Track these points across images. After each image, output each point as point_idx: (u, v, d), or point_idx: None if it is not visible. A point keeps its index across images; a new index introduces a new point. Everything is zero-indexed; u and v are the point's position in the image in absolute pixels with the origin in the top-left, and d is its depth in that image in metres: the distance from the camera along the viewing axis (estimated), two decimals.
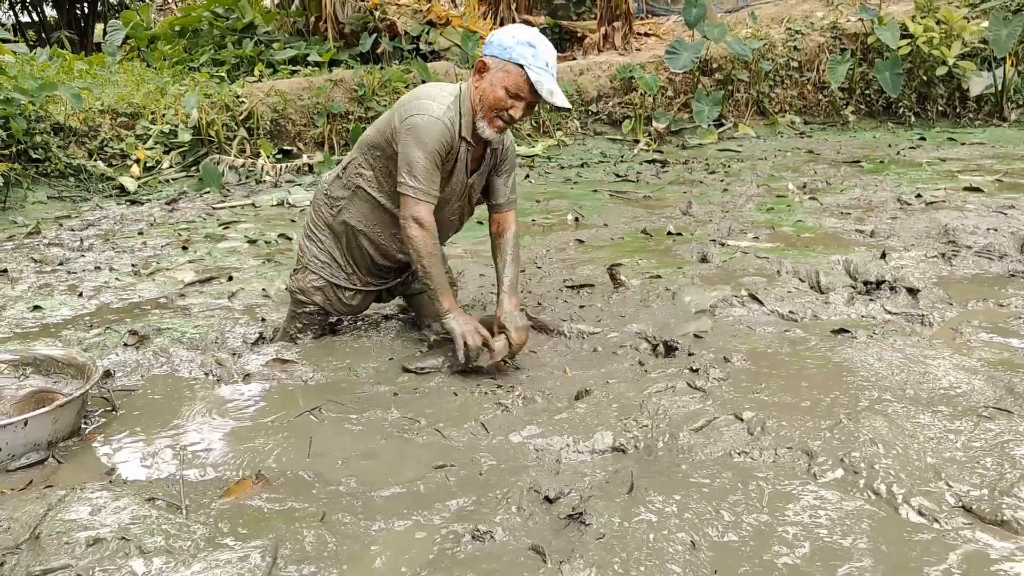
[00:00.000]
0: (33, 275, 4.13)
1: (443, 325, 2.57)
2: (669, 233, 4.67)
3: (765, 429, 2.03)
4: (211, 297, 3.66)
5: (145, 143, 7.27)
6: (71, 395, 2.20)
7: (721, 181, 6.54)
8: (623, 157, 8.16)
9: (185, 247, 4.77)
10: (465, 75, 8.53)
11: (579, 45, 11.06)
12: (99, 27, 15.02)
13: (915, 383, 2.31)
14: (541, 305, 3.33)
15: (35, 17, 15.28)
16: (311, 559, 1.61)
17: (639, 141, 8.75)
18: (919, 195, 5.32)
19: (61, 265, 4.35)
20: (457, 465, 2.00)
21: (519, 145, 8.29)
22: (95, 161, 6.86)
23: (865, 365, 2.43)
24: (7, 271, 4.20)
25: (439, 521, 1.75)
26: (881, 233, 4.35)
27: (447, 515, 1.77)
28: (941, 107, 9.48)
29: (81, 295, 3.72)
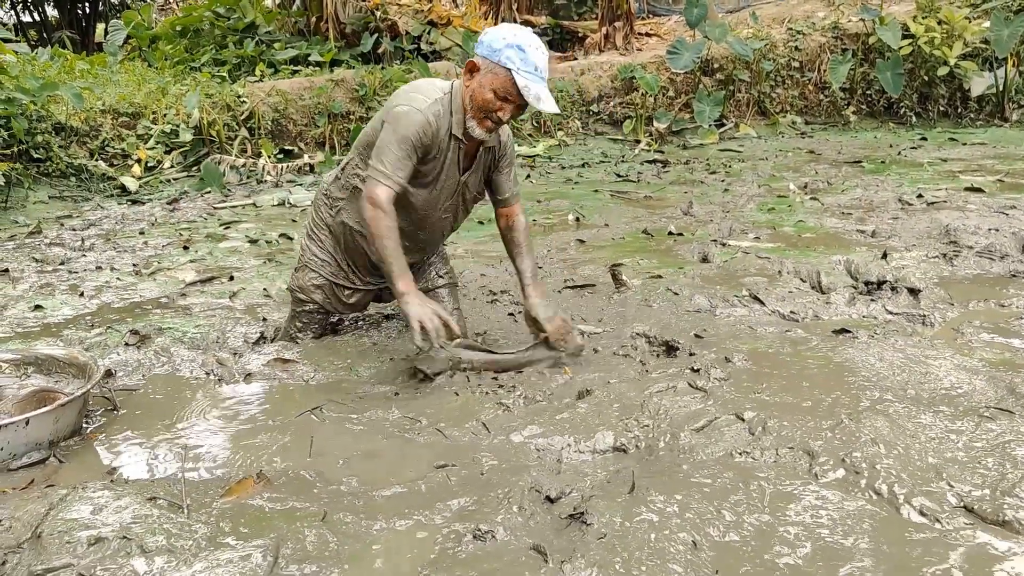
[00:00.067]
0: (34, 275, 4.14)
1: (398, 308, 2.50)
2: (670, 233, 4.67)
3: (766, 429, 2.03)
4: (212, 297, 3.66)
5: (146, 143, 7.27)
6: (72, 394, 2.20)
7: (722, 181, 6.54)
8: (624, 157, 8.16)
9: (186, 247, 4.77)
10: None
11: (580, 45, 11.06)
12: (100, 27, 15.02)
13: (916, 383, 2.31)
14: None
15: (36, 17, 15.29)
16: (312, 558, 1.61)
17: (640, 141, 8.75)
18: (920, 195, 5.32)
19: (62, 265, 4.35)
20: (458, 465, 2.00)
21: (520, 145, 8.29)
22: (96, 161, 6.87)
23: (866, 365, 2.43)
24: (8, 271, 4.21)
25: (440, 521, 1.75)
26: (882, 233, 4.35)
27: (448, 515, 1.77)
28: (942, 107, 9.49)
29: (82, 295, 3.73)
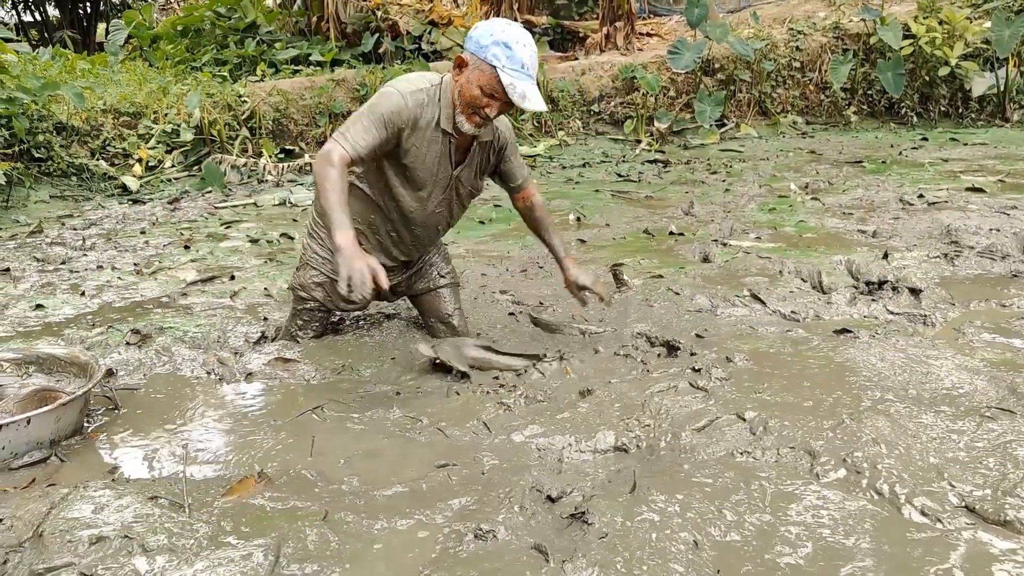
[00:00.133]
0: (36, 274, 4.14)
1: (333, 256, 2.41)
2: (671, 233, 4.67)
3: (767, 429, 2.03)
4: (213, 296, 3.66)
5: (147, 142, 7.27)
6: (74, 394, 2.20)
7: (723, 181, 6.53)
8: (625, 157, 8.16)
9: (187, 246, 4.77)
10: None
11: (581, 45, 11.05)
12: (101, 27, 15.02)
13: (917, 383, 2.31)
14: (543, 305, 3.33)
15: (38, 16, 15.27)
16: (313, 558, 1.61)
17: (641, 141, 8.75)
18: (921, 195, 5.32)
19: (63, 264, 4.35)
20: (459, 464, 2.00)
21: (520, 145, 8.29)
22: (97, 160, 6.87)
23: (867, 365, 2.43)
24: (10, 270, 4.21)
25: (441, 520, 1.75)
26: (883, 233, 4.35)
27: (449, 514, 1.77)
28: (943, 107, 9.48)
29: (83, 294, 3.73)
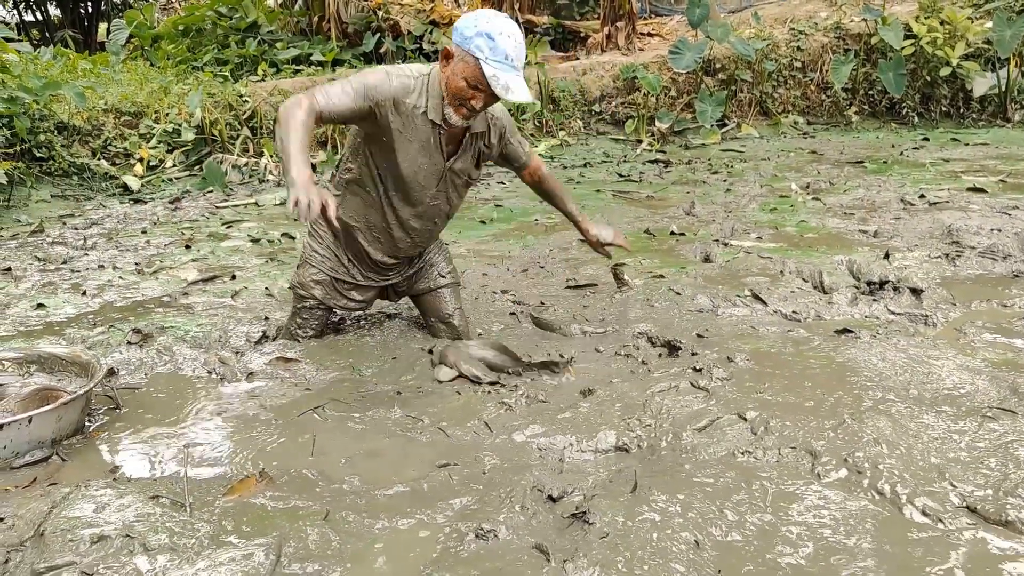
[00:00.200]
0: (37, 273, 4.14)
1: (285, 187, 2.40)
2: (672, 233, 4.67)
3: (768, 429, 2.03)
4: (214, 296, 3.66)
5: (148, 142, 7.27)
6: (75, 393, 2.20)
7: (724, 181, 6.53)
8: (626, 157, 8.16)
9: (188, 246, 4.78)
10: None
11: (582, 45, 11.05)
12: (103, 26, 15.04)
13: (919, 383, 2.31)
14: (544, 305, 3.33)
15: (39, 16, 15.28)
16: (315, 557, 1.62)
17: (642, 141, 8.74)
18: (922, 195, 5.31)
19: (65, 263, 4.36)
20: (460, 464, 2.01)
21: None
22: (99, 160, 6.87)
23: (869, 365, 2.43)
24: (11, 269, 4.21)
25: (442, 520, 1.75)
26: (884, 233, 4.35)
27: (450, 514, 1.78)
28: (945, 108, 9.47)
29: (85, 293, 3.73)
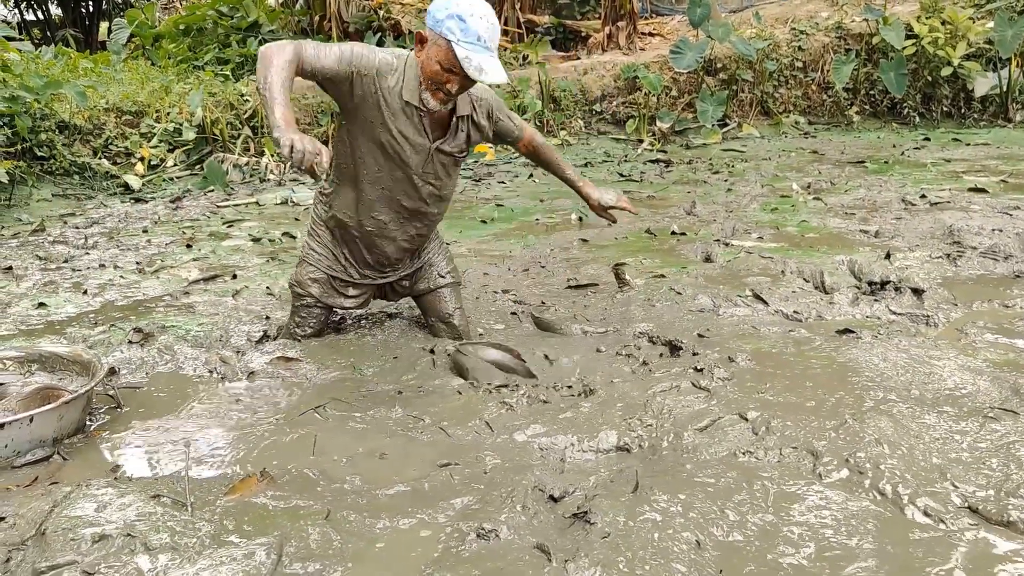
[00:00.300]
0: (38, 272, 4.14)
1: (271, 136, 2.39)
2: (673, 233, 4.67)
3: (770, 429, 2.03)
4: (215, 295, 3.66)
5: (149, 141, 7.28)
6: (76, 392, 2.20)
7: (725, 181, 6.53)
8: (627, 157, 8.15)
9: (189, 245, 4.78)
10: None
11: (583, 44, 11.05)
12: (104, 25, 15.05)
13: (920, 384, 2.31)
14: (545, 304, 3.33)
15: (40, 15, 15.28)
16: (316, 557, 1.62)
17: (643, 141, 8.74)
18: (924, 196, 5.31)
19: (66, 263, 4.36)
20: (462, 464, 2.00)
21: None
22: (100, 159, 6.87)
23: (870, 365, 2.43)
24: (12, 268, 4.21)
25: (444, 519, 1.75)
26: (886, 233, 4.34)
27: (452, 513, 1.78)
28: (946, 108, 9.47)
29: (86, 292, 3.73)
